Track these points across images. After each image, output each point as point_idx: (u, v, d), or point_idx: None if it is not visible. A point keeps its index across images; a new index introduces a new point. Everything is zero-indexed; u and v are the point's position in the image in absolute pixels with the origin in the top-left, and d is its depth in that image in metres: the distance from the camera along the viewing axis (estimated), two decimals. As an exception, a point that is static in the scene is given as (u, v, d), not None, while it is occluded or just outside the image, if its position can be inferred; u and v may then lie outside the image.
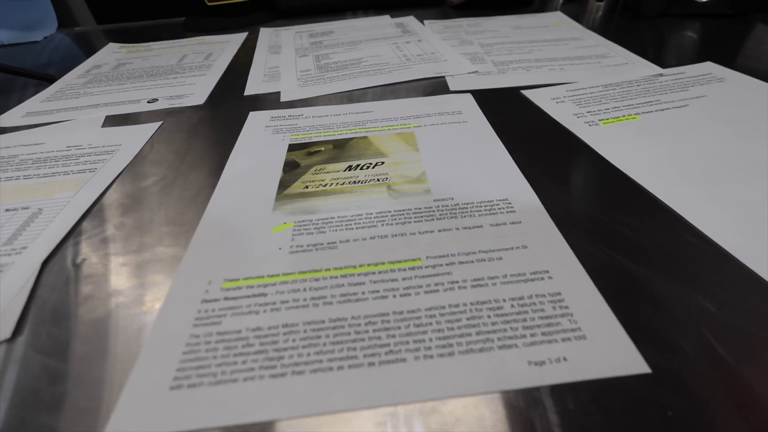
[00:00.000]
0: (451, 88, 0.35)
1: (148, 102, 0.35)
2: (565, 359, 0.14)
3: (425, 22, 0.55)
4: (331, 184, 0.23)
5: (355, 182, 0.23)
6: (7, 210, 0.23)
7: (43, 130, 0.31)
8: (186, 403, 0.13)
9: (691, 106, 0.31)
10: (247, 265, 0.18)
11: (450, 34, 0.49)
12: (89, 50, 0.54)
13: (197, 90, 0.37)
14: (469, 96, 0.33)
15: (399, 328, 0.15)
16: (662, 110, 0.30)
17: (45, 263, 0.19)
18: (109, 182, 0.24)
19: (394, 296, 0.17)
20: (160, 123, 0.31)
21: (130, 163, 0.26)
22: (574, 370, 0.14)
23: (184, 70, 0.41)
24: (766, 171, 0.22)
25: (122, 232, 0.21)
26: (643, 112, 0.30)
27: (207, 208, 0.22)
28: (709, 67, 0.37)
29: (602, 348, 0.14)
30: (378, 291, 0.17)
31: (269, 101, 0.34)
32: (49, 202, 0.23)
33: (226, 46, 0.49)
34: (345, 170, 0.25)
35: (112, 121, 0.32)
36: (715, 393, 0.13)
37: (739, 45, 0.44)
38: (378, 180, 0.24)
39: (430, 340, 0.15)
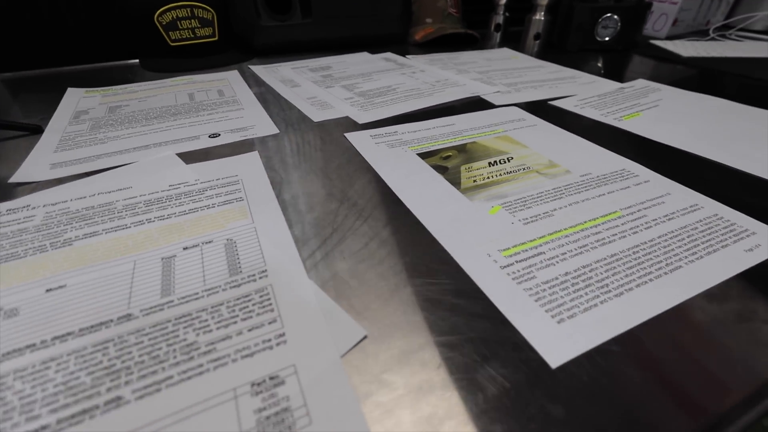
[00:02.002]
0: (496, 104, 0.46)
1: (210, 137, 0.35)
2: (758, 246, 0.23)
3: (408, 56, 0.67)
4: (490, 176, 0.30)
5: (508, 173, 0.31)
6: (185, 248, 0.22)
7: (104, 176, 0.29)
8: (577, 328, 0.18)
9: (660, 106, 0.48)
10: (504, 238, 0.23)
11: (442, 65, 0.62)
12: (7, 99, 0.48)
13: (257, 121, 0.39)
14: (516, 108, 0.44)
15: (655, 251, 0.23)
16: (648, 109, 0.47)
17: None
18: (274, 206, 0.26)
19: (629, 235, 0.24)
20: (255, 152, 0.33)
21: (274, 188, 0.28)
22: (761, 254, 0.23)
23: (210, 107, 0.42)
24: (749, 136, 0.38)
25: (353, 244, 0.23)
26: (639, 111, 0.46)
27: (416, 213, 0.26)
28: (643, 82, 0.58)
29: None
30: (617, 234, 0.24)
31: (342, 124, 0.39)
32: (229, 232, 0.23)
33: (226, 83, 0.51)
34: (488, 166, 0.31)
35: (185, 158, 0.32)
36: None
37: (626, 67, 0.67)
38: (523, 169, 0.31)
39: (676, 254, 0.22)
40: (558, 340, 0.17)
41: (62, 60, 0.60)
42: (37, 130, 0.36)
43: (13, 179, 0.29)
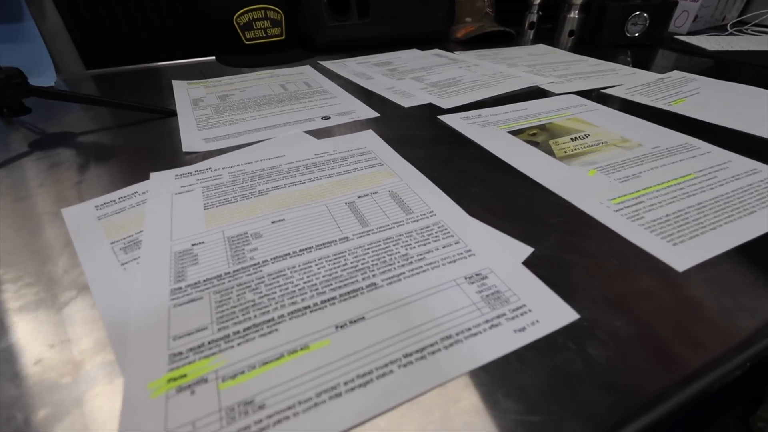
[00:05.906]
0: (556, 92, 0.51)
1: (322, 119, 0.41)
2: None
3: (455, 52, 0.73)
4: (576, 149, 0.36)
5: (589, 146, 0.36)
6: (359, 196, 0.28)
7: (255, 148, 0.35)
8: (688, 249, 0.24)
9: (701, 93, 0.54)
10: (608, 192, 0.29)
11: (491, 60, 0.68)
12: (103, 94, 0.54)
13: (355, 107, 0.45)
14: (574, 95, 0.50)
15: (732, 201, 0.28)
16: (690, 96, 0.52)
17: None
18: (412, 169, 0.32)
19: (707, 190, 0.30)
20: (370, 130, 0.38)
21: (401, 157, 0.34)
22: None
23: (305, 95, 0.48)
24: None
25: (489, 195, 0.29)
26: (684, 97, 0.52)
27: (529, 175, 0.32)
28: (679, 73, 0.63)
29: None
30: (696, 189, 0.30)
31: (429, 109, 0.45)
32: (387, 186, 0.29)
33: (306, 76, 0.57)
34: (571, 140, 0.37)
35: (311, 135, 0.38)
36: None
37: (656, 61, 0.73)
38: (602, 143, 0.37)
39: (750, 203, 0.28)
40: (677, 254, 0.23)
41: (144, 58, 0.67)
42: (172, 114, 0.42)
43: (185, 149, 0.35)
